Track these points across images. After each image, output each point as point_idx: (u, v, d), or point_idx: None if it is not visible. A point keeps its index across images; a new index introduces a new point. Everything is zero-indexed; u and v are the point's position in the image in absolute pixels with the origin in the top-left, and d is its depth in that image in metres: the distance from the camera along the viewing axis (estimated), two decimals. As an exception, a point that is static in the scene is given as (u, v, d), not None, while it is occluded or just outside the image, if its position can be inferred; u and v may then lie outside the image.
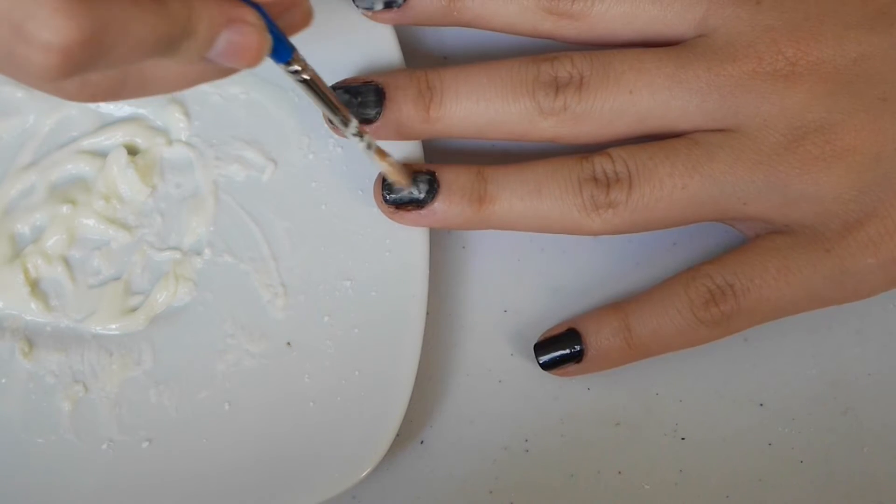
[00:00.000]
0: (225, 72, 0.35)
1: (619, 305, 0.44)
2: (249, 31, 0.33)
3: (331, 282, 0.45)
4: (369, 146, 0.42)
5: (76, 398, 0.45)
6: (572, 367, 0.44)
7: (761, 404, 0.46)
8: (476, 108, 0.43)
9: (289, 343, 0.45)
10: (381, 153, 0.42)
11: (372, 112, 0.43)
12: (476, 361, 0.47)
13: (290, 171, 0.47)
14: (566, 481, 0.45)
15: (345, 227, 0.46)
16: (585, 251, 0.47)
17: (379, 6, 0.44)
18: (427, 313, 0.44)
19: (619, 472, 0.45)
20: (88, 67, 0.30)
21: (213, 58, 0.33)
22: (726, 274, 0.42)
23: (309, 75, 0.37)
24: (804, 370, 0.46)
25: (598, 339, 0.44)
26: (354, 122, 0.41)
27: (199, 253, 0.46)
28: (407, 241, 0.45)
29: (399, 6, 0.44)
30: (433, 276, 0.45)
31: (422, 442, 0.46)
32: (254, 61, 0.33)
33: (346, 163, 0.46)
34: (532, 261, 0.47)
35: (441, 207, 0.43)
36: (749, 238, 0.44)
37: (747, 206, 0.42)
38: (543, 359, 0.45)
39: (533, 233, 0.45)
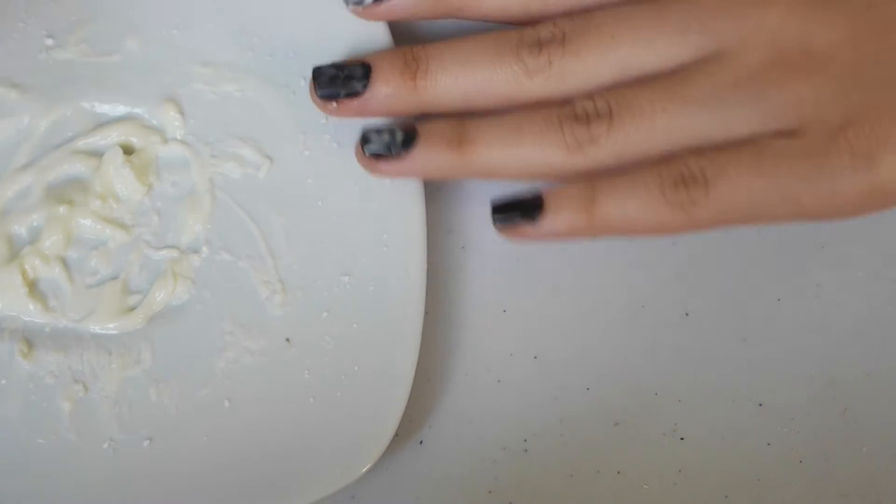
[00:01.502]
0: None
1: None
2: None
3: (329, 277, 0.45)
4: None
5: (76, 398, 0.45)
6: (527, 226, 0.42)
7: (760, 404, 0.46)
8: (462, 72, 0.43)
9: (288, 339, 0.45)
10: None
11: (359, 85, 0.43)
12: (475, 361, 0.46)
13: (286, 168, 0.47)
14: (565, 481, 0.45)
15: (342, 223, 0.46)
16: (585, 251, 0.47)
17: (368, 0, 0.44)
18: (426, 313, 0.44)
19: (618, 472, 0.45)
20: None
21: None
22: (702, 160, 0.41)
23: None
24: (803, 370, 0.46)
25: (558, 196, 0.42)
26: None
27: (196, 251, 0.46)
28: (404, 235, 0.45)
29: None
30: (432, 276, 0.45)
31: (421, 442, 0.46)
32: None
33: (342, 159, 0.46)
34: (532, 261, 0.47)
35: (420, 153, 0.43)
36: None
37: (730, 125, 0.42)
38: (497, 215, 0.42)
39: (518, 179, 0.43)
